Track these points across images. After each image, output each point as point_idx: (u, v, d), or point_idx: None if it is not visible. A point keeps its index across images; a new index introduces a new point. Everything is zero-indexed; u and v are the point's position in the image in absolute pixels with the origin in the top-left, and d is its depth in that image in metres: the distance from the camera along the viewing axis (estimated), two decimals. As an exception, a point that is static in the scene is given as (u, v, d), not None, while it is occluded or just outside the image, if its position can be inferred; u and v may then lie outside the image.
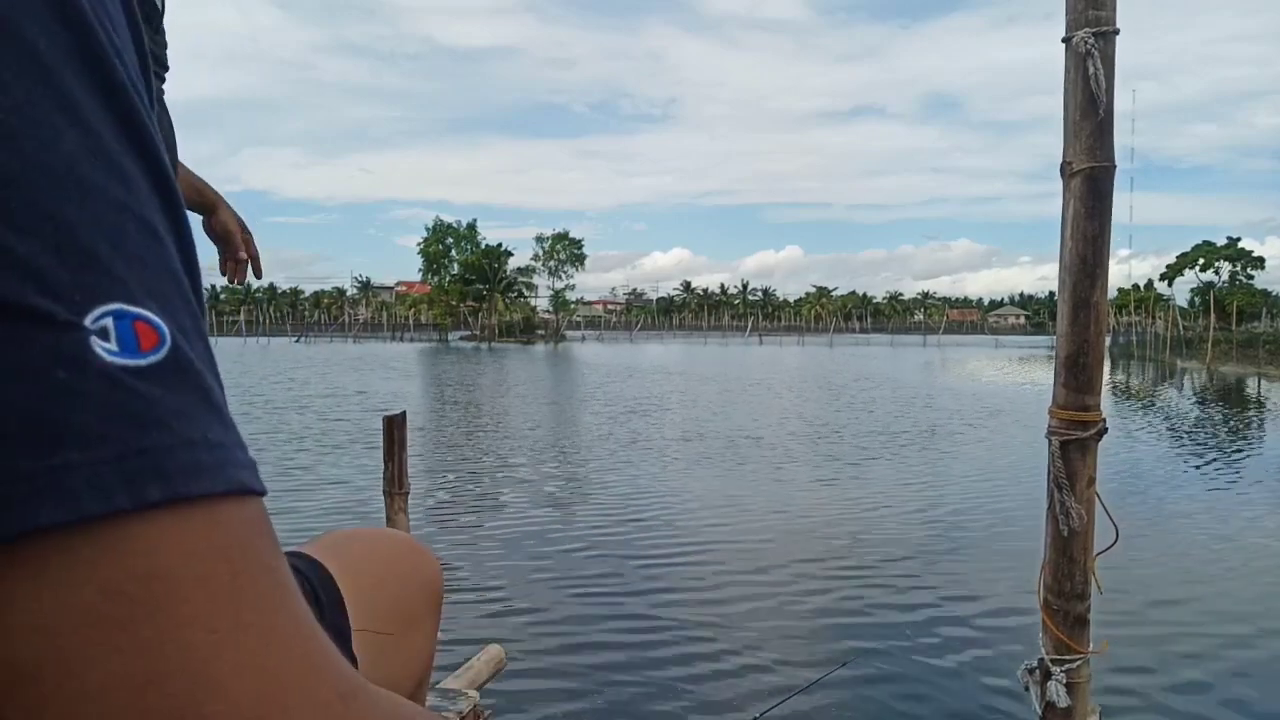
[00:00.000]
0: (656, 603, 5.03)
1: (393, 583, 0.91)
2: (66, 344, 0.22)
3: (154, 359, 0.23)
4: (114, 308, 0.22)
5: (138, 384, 0.23)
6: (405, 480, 3.24)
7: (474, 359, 40.24)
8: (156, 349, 0.23)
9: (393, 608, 0.89)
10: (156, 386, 0.23)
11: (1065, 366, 1.79)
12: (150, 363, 0.23)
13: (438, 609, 0.98)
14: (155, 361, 0.23)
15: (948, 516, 7.41)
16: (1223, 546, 6.48)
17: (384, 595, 0.88)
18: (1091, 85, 1.69)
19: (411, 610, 0.92)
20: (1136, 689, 3.87)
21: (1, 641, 0.21)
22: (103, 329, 0.22)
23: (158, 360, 0.23)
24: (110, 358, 0.22)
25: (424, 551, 1.01)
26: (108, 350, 0.22)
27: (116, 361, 0.22)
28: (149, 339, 0.23)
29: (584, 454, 10.93)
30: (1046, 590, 1.84)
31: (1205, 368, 35.61)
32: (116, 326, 0.22)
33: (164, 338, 0.23)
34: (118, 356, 0.22)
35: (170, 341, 0.24)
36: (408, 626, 0.90)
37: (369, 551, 0.94)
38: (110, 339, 0.22)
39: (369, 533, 1.06)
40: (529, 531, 6.75)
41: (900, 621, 4.72)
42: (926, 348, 62.08)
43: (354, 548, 0.93)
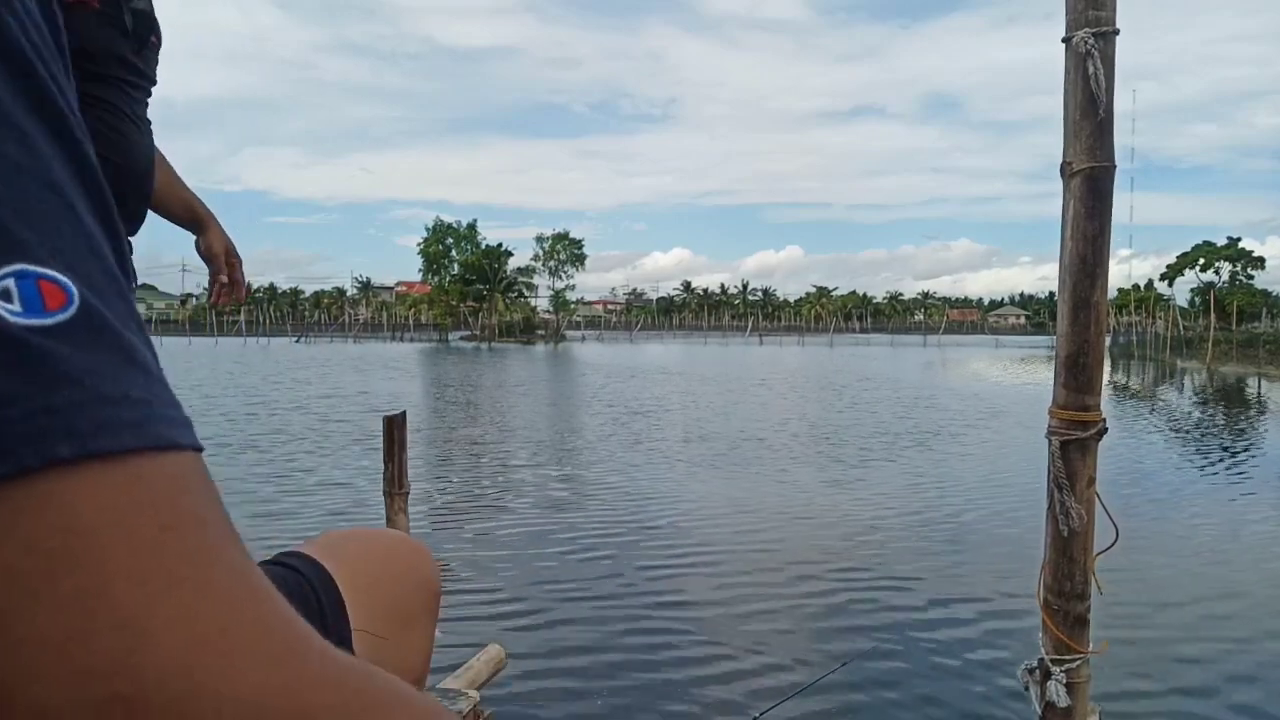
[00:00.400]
0: (656, 602, 5.03)
1: (391, 582, 0.92)
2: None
3: (61, 318, 0.23)
4: (15, 268, 0.22)
5: (45, 343, 0.22)
6: (405, 480, 3.24)
7: (474, 359, 40.24)
8: (64, 308, 0.23)
9: (391, 606, 0.89)
10: (65, 345, 0.23)
11: (1065, 366, 1.79)
12: (57, 321, 0.23)
13: (435, 607, 0.98)
14: (63, 320, 0.23)
15: (948, 516, 7.41)
16: (1223, 547, 6.49)
17: (382, 595, 0.89)
18: (1091, 85, 1.69)
19: (410, 609, 0.92)
20: (1136, 689, 3.87)
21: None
22: (4, 290, 0.22)
23: (66, 319, 0.23)
24: (13, 318, 0.22)
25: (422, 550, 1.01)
26: (10, 311, 0.22)
27: (20, 321, 0.22)
28: (55, 298, 0.23)
29: (584, 454, 10.93)
30: (1046, 590, 1.84)
31: (1205, 368, 35.60)
32: (19, 287, 0.22)
33: (71, 296, 0.23)
34: (21, 317, 0.22)
35: (79, 300, 0.23)
36: (406, 625, 0.90)
37: (367, 551, 0.95)
38: (13, 300, 0.22)
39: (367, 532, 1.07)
40: (529, 531, 6.75)
41: (900, 621, 4.72)
42: (926, 348, 62.09)
43: (352, 547, 0.93)
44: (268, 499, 7.66)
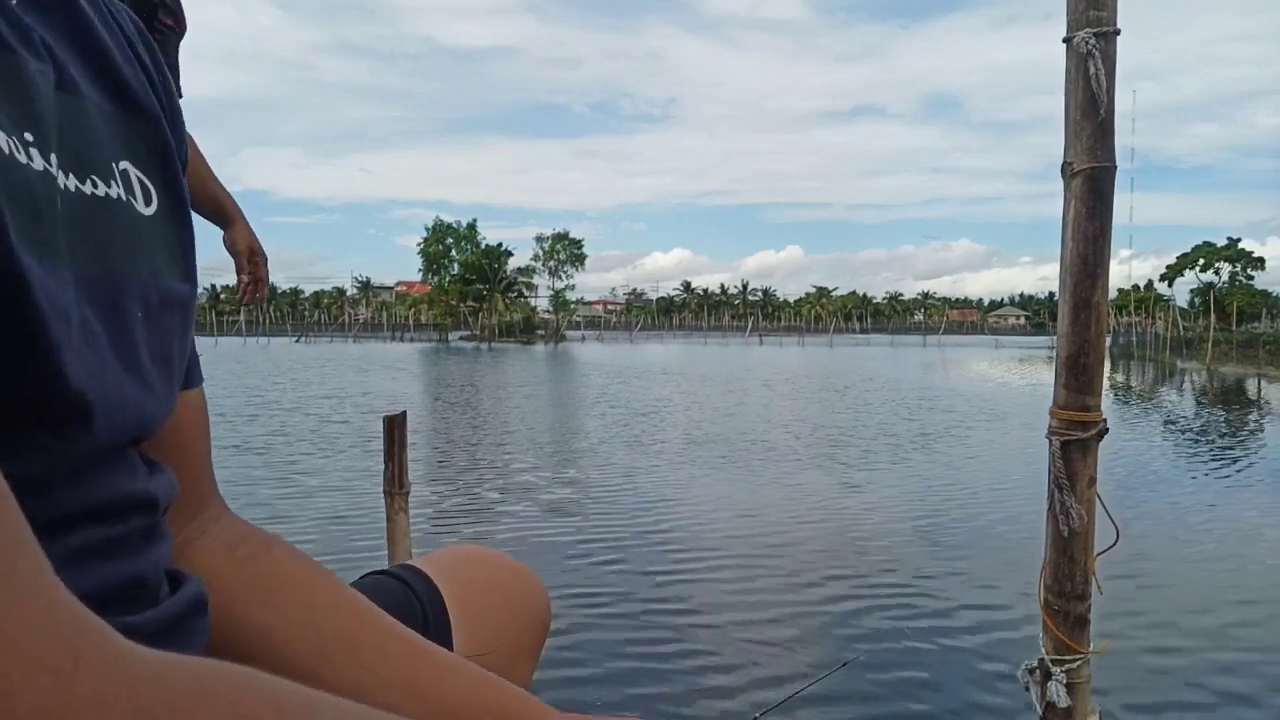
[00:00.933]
0: (656, 602, 5.03)
1: (502, 610, 0.89)
2: None
3: None
4: None
5: None
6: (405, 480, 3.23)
7: (474, 359, 40.23)
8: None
9: (498, 635, 0.87)
10: None
11: (1066, 367, 1.79)
12: None
13: (541, 644, 0.95)
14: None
15: (949, 516, 7.41)
16: (1224, 546, 6.49)
17: (491, 621, 0.87)
18: (1093, 85, 1.69)
19: (516, 640, 0.89)
20: (1137, 689, 3.87)
21: None
22: None
23: None
24: None
25: (537, 582, 0.97)
26: None
27: None
28: None
29: (585, 455, 10.93)
30: (1047, 590, 1.84)
31: (1205, 368, 35.59)
32: None
33: None
34: None
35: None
36: (510, 655, 0.87)
37: (483, 575, 0.93)
38: None
39: (486, 554, 1.02)
40: (529, 532, 6.75)
41: (900, 621, 4.72)
42: (926, 348, 62.08)
43: (468, 569, 0.92)
44: (266, 500, 7.66)
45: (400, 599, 0.79)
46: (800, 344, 68.67)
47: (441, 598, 0.82)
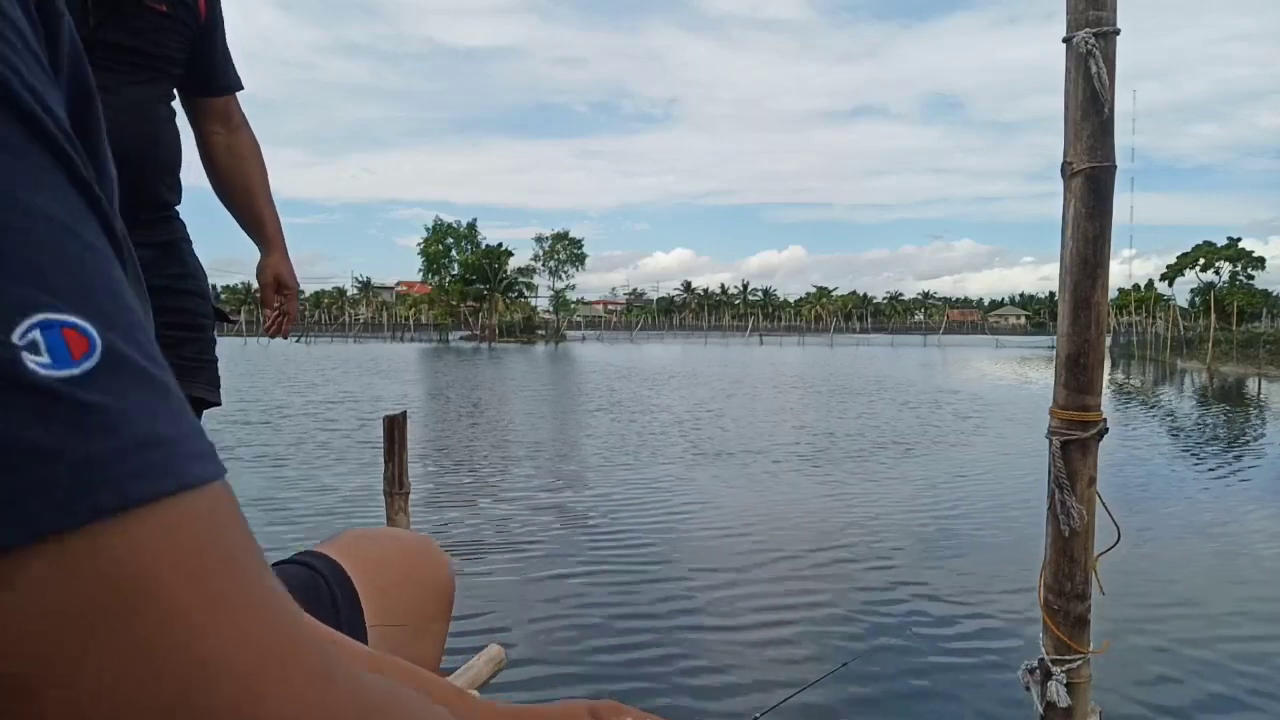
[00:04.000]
0: (656, 602, 5.03)
1: (407, 582, 0.92)
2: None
3: (87, 365, 0.23)
4: (38, 319, 0.22)
5: (76, 393, 0.22)
6: (406, 480, 3.24)
7: (474, 359, 40.24)
8: (89, 355, 0.23)
9: (407, 606, 0.90)
10: (94, 393, 0.23)
11: (1066, 366, 1.79)
12: (84, 370, 0.23)
13: (449, 611, 0.99)
14: (89, 368, 0.23)
15: (949, 516, 7.41)
16: (1225, 546, 6.49)
17: (398, 594, 0.89)
18: (1095, 85, 1.69)
19: (425, 609, 0.93)
20: (1137, 689, 3.87)
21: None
22: (32, 343, 0.22)
23: (91, 366, 0.23)
24: (44, 371, 0.22)
25: (438, 552, 1.02)
26: (40, 364, 0.22)
27: (51, 374, 0.22)
28: (79, 346, 0.23)
29: (585, 455, 10.93)
30: (1047, 590, 1.84)
31: (1205, 368, 35.58)
32: (45, 338, 0.22)
33: (94, 342, 0.23)
34: (51, 369, 0.22)
35: (102, 344, 0.23)
36: (420, 624, 0.91)
37: (385, 551, 0.95)
38: (41, 352, 0.22)
39: (385, 532, 1.07)
40: (529, 531, 6.75)
41: (900, 621, 4.72)
42: (927, 348, 62.05)
43: (369, 547, 0.94)
44: (266, 500, 7.66)
45: (308, 583, 0.80)
46: (800, 344, 68.65)
47: (348, 577, 0.83)
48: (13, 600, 0.21)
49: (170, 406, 0.25)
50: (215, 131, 1.87)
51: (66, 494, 0.22)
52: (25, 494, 0.21)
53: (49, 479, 0.22)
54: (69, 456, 0.22)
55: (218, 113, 1.86)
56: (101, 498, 0.22)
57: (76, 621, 0.22)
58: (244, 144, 1.93)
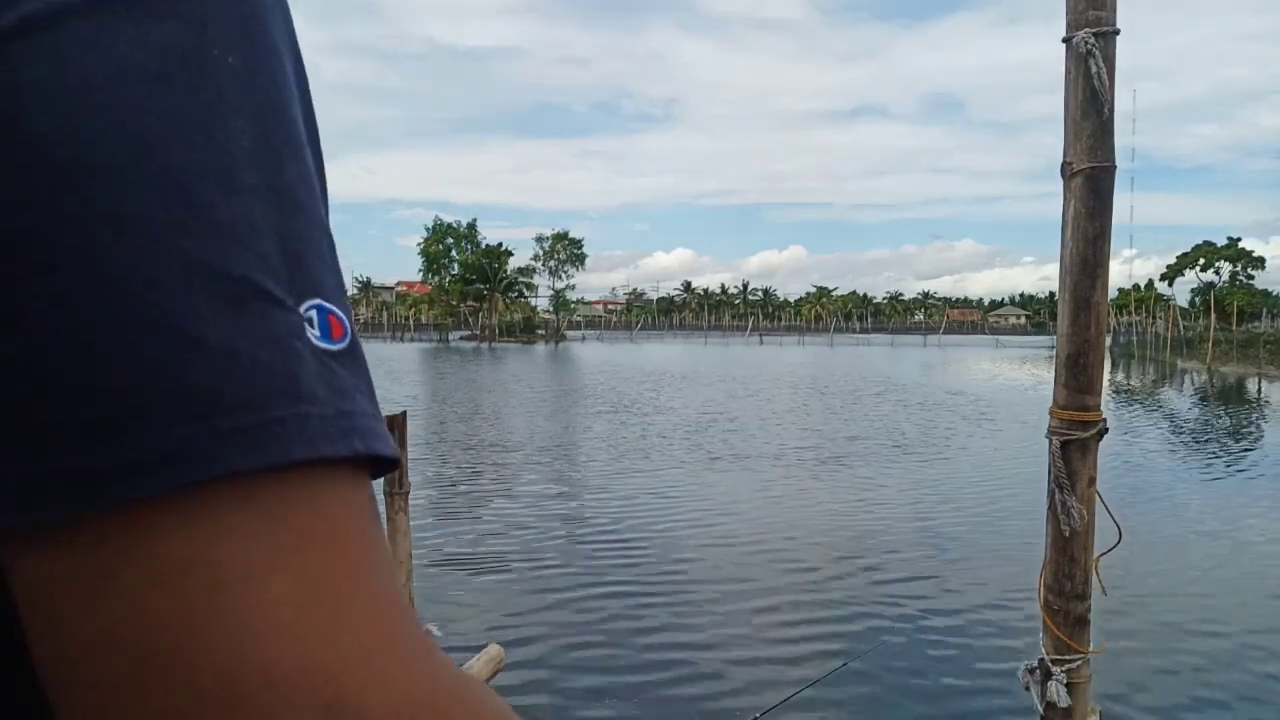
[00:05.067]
0: (656, 603, 5.03)
1: None
2: (295, 324, 0.26)
3: (342, 345, 0.28)
4: (316, 303, 0.27)
5: (334, 364, 0.27)
6: (405, 480, 3.23)
7: (474, 359, 40.22)
8: (344, 338, 0.28)
9: None
10: (344, 367, 0.28)
11: (1066, 366, 1.79)
12: (340, 348, 0.28)
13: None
14: (343, 348, 0.28)
15: (949, 517, 7.41)
16: (1225, 546, 6.48)
17: None
18: (1095, 84, 1.69)
19: None
20: (1137, 689, 3.87)
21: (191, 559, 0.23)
22: (310, 318, 0.27)
23: (344, 347, 0.28)
24: (320, 342, 0.27)
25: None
26: (314, 336, 0.27)
27: (322, 345, 0.27)
28: (338, 330, 0.28)
29: (585, 455, 10.92)
30: (1047, 590, 1.84)
31: (1205, 368, 35.58)
32: (318, 318, 0.27)
33: (347, 330, 0.28)
34: (322, 341, 0.27)
35: (350, 333, 0.28)
36: None
37: None
38: (315, 327, 0.27)
39: None
40: (529, 531, 6.75)
41: (900, 621, 4.72)
42: (927, 348, 62.06)
43: None
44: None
45: None
46: (800, 344, 68.67)
47: None
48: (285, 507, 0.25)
49: (373, 392, 0.30)
50: None
51: (333, 432, 0.26)
52: (311, 425, 0.25)
53: (324, 419, 0.26)
54: (334, 407, 0.26)
55: None
56: (354, 443, 0.27)
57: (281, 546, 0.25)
58: None
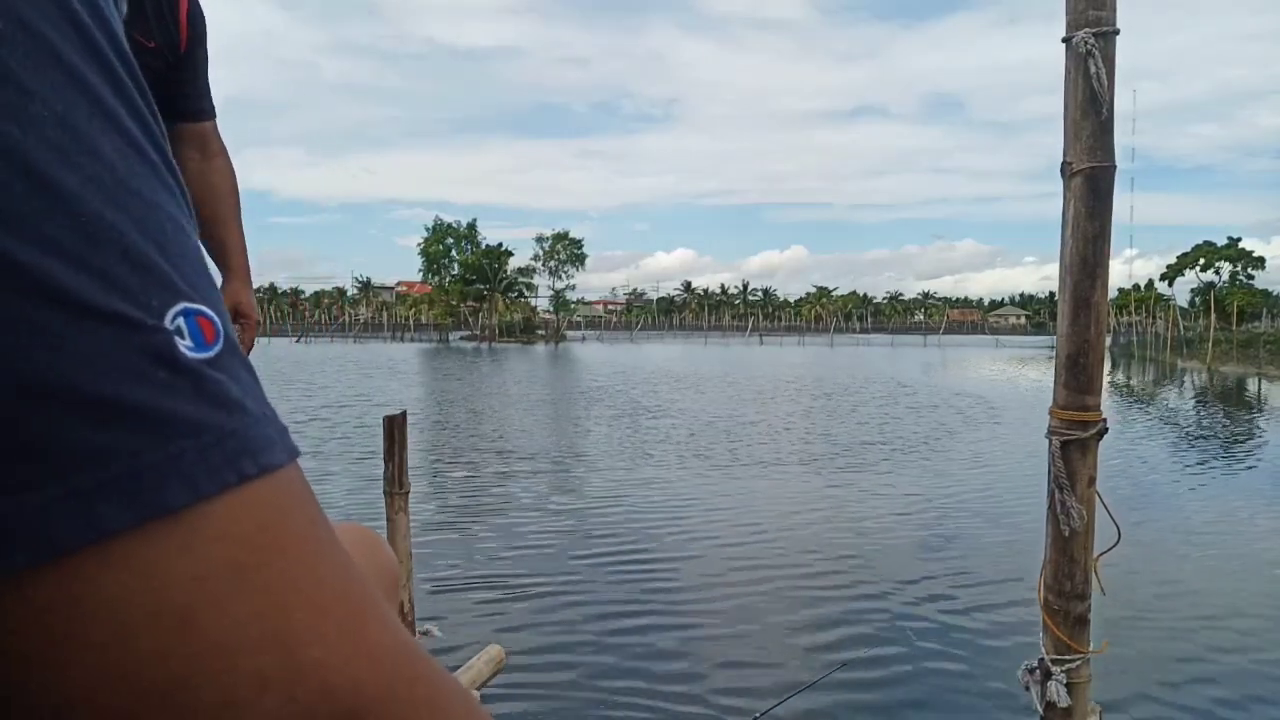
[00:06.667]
0: (656, 603, 5.03)
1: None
2: (158, 344, 0.23)
3: (216, 349, 0.25)
4: (181, 307, 0.24)
5: (213, 374, 0.25)
6: (405, 480, 3.23)
7: (474, 359, 40.23)
8: (216, 340, 0.25)
9: None
10: (224, 373, 0.25)
11: (1065, 366, 1.79)
12: (215, 353, 0.25)
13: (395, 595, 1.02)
14: (218, 351, 0.25)
15: (948, 517, 7.41)
16: (1225, 546, 6.48)
17: None
18: (1094, 85, 1.69)
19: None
20: (1138, 689, 3.87)
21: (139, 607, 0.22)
22: (179, 328, 0.24)
23: (219, 349, 0.25)
24: (191, 353, 0.24)
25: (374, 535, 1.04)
26: (187, 347, 0.24)
27: (196, 356, 0.24)
28: (209, 331, 0.25)
29: (585, 456, 10.93)
30: (1047, 590, 1.84)
31: (1205, 368, 35.58)
32: (187, 324, 0.24)
33: (218, 328, 0.25)
34: (194, 351, 0.24)
35: (222, 330, 0.26)
36: None
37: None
38: (185, 336, 0.24)
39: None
40: (529, 532, 6.75)
41: (900, 622, 4.72)
42: (927, 348, 62.07)
43: None
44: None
45: None
46: (800, 344, 68.69)
47: None
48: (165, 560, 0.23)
49: (259, 387, 0.27)
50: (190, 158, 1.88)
51: (219, 461, 0.24)
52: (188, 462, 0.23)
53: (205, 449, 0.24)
54: (218, 429, 0.24)
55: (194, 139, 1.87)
56: (245, 465, 0.24)
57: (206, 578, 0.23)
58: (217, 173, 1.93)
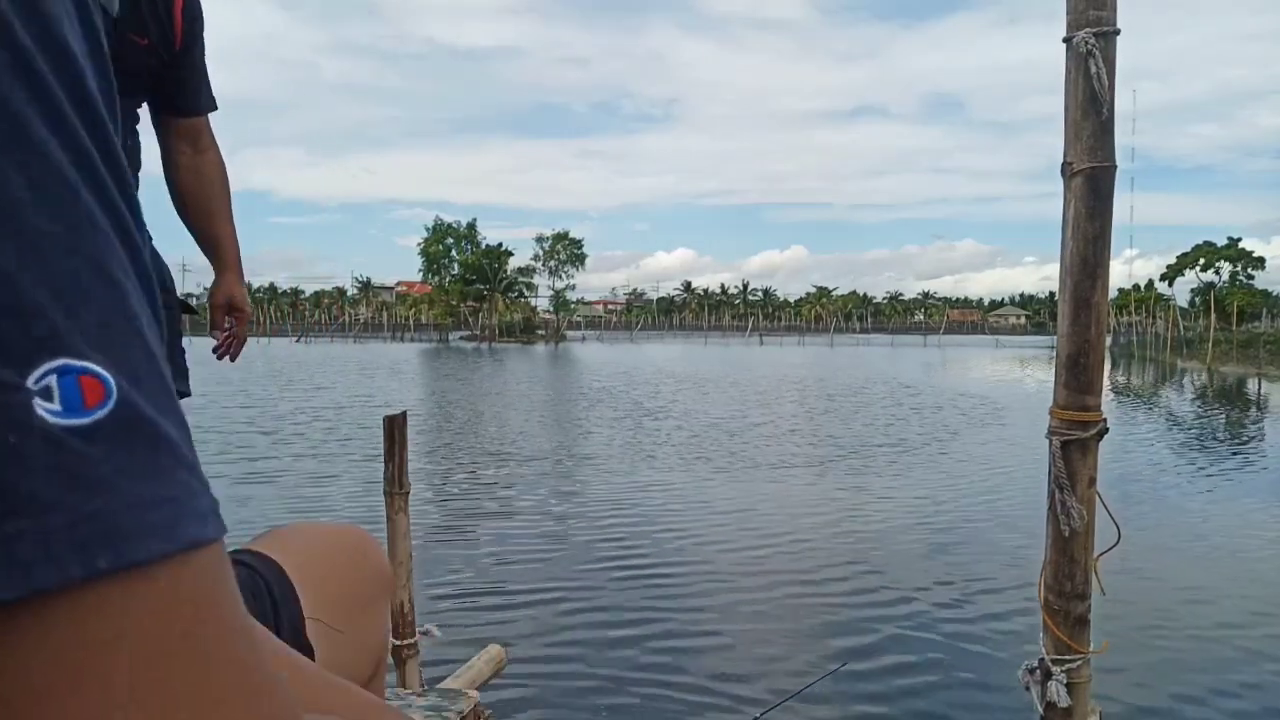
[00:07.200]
0: (657, 603, 5.03)
1: (342, 570, 0.94)
2: (11, 406, 0.21)
3: (99, 415, 0.22)
4: (58, 364, 0.21)
5: (82, 446, 0.22)
6: (406, 480, 3.23)
7: (474, 359, 40.23)
8: (102, 404, 0.22)
9: (344, 593, 0.91)
10: (102, 446, 0.22)
11: (1066, 367, 1.79)
12: (95, 420, 0.22)
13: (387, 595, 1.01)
14: (100, 419, 0.22)
15: (949, 516, 7.41)
16: (1226, 546, 6.48)
17: (334, 583, 0.91)
18: (1094, 85, 1.69)
19: (362, 594, 0.94)
20: (1137, 689, 3.87)
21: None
22: (45, 388, 0.21)
23: (102, 417, 0.22)
24: (53, 419, 0.21)
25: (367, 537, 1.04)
26: (50, 411, 0.21)
27: (59, 423, 0.21)
28: (94, 394, 0.22)
29: (585, 455, 10.93)
30: (1047, 590, 1.84)
31: (1206, 368, 35.59)
32: (60, 384, 0.21)
33: (109, 391, 0.22)
34: (60, 417, 0.21)
35: (116, 394, 0.23)
36: (360, 610, 0.93)
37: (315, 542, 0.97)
38: (53, 399, 0.21)
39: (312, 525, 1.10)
40: (530, 532, 6.75)
41: (900, 622, 4.72)
42: (927, 348, 62.07)
43: (300, 540, 0.96)
44: (265, 500, 7.66)
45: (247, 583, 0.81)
46: (800, 344, 68.68)
47: (283, 571, 0.85)
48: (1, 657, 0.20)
49: (176, 463, 0.24)
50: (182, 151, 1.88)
51: (64, 550, 0.21)
52: (24, 546, 0.20)
53: (47, 533, 0.21)
54: (70, 512, 0.21)
55: (186, 133, 1.87)
56: (97, 558, 0.21)
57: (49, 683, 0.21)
58: (209, 166, 1.93)
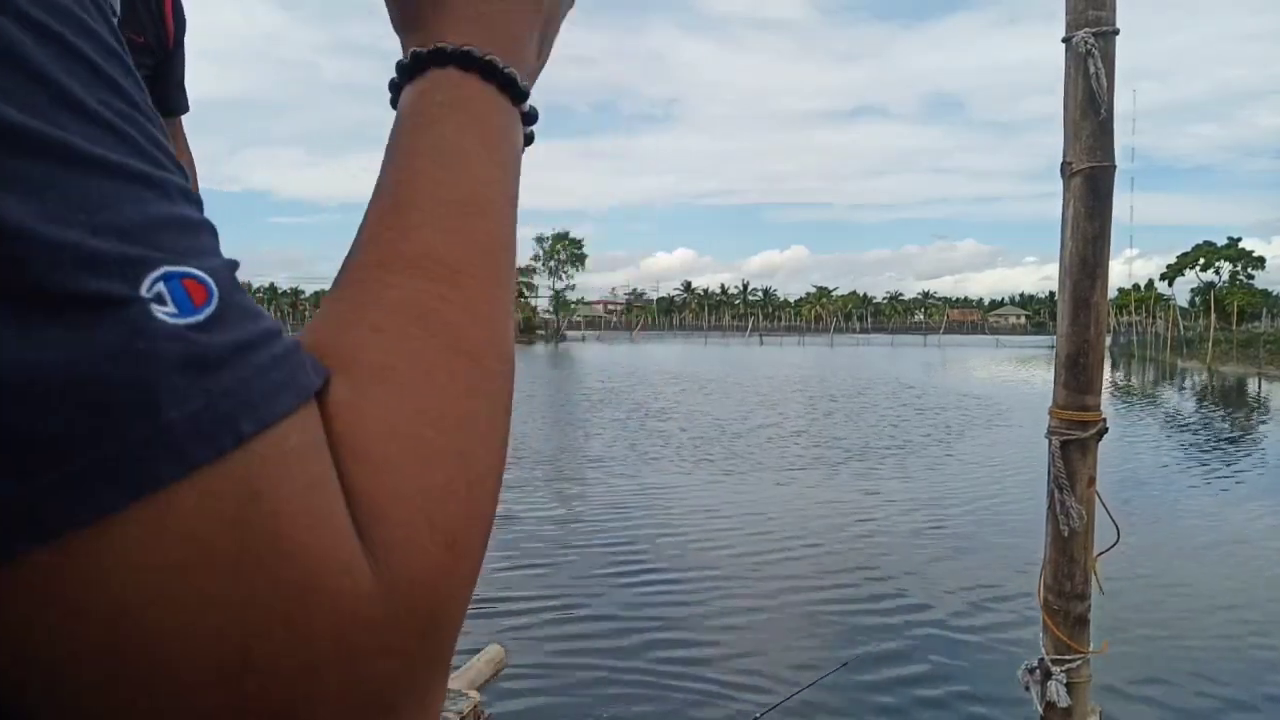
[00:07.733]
0: (657, 603, 5.03)
1: None
2: (133, 317, 0.23)
3: (209, 310, 0.25)
4: (161, 272, 0.24)
5: (202, 337, 0.24)
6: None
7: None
8: (209, 301, 0.25)
9: None
10: (218, 333, 0.24)
11: (1065, 366, 1.79)
12: (208, 315, 0.24)
13: None
14: (211, 313, 0.25)
15: (948, 517, 7.41)
16: (1224, 546, 6.48)
17: None
18: (1093, 85, 1.69)
19: None
20: (1137, 689, 3.87)
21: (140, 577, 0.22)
22: (158, 295, 0.24)
23: (213, 311, 0.25)
24: (173, 320, 0.24)
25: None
26: (168, 314, 0.24)
27: (178, 323, 0.24)
28: (199, 293, 0.25)
29: (585, 456, 10.92)
30: (1047, 590, 1.84)
31: (1205, 368, 35.59)
32: (170, 290, 0.24)
33: (210, 288, 0.25)
34: (178, 317, 0.24)
35: (217, 288, 0.25)
36: None
37: None
38: (167, 303, 0.24)
39: None
40: (530, 532, 6.75)
41: (900, 622, 4.72)
42: (927, 348, 62.07)
43: None
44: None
45: None
46: (801, 344, 68.69)
47: None
48: (172, 530, 0.23)
49: (271, 326, 0.27)
50: None
51: (212, 427, 0.23)
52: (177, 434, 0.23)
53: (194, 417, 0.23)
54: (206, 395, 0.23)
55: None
56: (242, 425, 0.24)
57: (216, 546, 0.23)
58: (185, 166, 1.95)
